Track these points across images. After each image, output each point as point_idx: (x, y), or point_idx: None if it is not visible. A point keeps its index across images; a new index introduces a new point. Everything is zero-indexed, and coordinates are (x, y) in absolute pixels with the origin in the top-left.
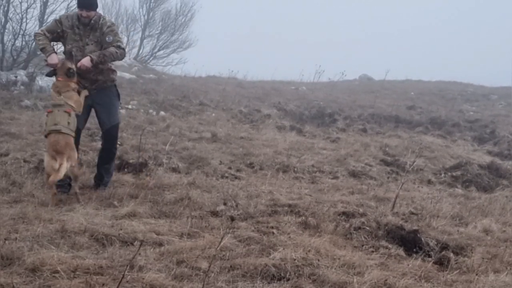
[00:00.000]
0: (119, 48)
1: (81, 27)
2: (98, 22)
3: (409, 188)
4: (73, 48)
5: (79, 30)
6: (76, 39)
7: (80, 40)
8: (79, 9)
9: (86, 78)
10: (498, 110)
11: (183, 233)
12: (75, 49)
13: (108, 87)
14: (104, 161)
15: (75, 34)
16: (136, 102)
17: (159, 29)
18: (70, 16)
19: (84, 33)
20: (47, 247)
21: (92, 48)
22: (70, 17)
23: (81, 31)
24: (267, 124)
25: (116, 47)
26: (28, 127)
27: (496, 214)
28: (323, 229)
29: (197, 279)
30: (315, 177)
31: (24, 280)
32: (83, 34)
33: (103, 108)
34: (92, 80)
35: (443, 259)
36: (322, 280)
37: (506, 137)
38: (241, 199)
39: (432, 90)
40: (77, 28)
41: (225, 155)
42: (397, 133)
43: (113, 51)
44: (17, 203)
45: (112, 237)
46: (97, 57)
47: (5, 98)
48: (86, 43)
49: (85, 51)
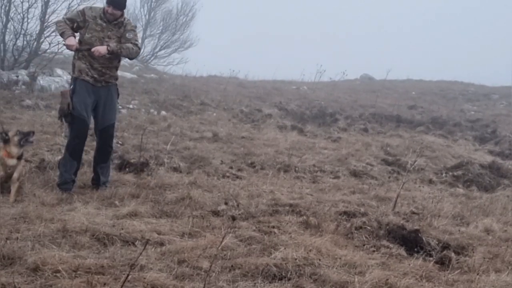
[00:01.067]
0: (135, 46)
1: (105, 20)
2: (123, 22)
3: (410, 187)
4: (92, 37)
5: (102, 22)
6: (97, 29)
7: (102, 31)
8: (107, 5)
9: (95, 68)
10: (499, 109)
11: (184, 233)
12: (94, 39)
13: (111, 84)
14: (100, 161)
15: (97, 24)
16: (137, 102)
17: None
18: (95, 8)
19: (107, 26)
20: (48, 246)
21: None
22: (94, 9)
23: (103, 23)
24: (268, 124)
25: (133, 44)
26: (29, 127)
27: (497, 213)
28: (324, 228)
29: (198, 279)
30: (316, 177)
31: (26, 280)
32: (105, 27)
33: (105, 105)
34: (100, 72)
35: (444, 259)
36: (323, 279)
37: (507, 136)
38: (242, 199)
39: (433, 89)
40: (100, 19)
41: (226, 154)
42: (398, 132)
43: (130, 46)
44: (18, 203)
45: (114, 236)
46: (114, 47)
47: (6, 98)
48: (108, 36)
49: (104, 43)
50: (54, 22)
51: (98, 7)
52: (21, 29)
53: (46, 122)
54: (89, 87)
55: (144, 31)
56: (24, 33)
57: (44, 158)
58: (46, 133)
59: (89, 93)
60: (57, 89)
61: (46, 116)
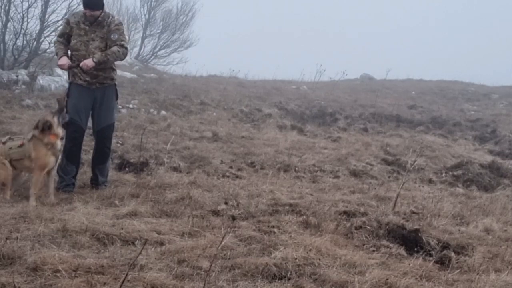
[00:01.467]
0: (121, 47)
1: (87, 23)
2: (107, 20)
3: (410, 187)
4: (77, 43)
5: (84, 26)
6: (81, 34)
7: (85, 35)
8: (84, 8)
9: (87, 72)
10: (499, 109)
11: (184, 233)
12: (79, 44)
13: (108, 85)
14: (98, 162)
15: (80, 29)
16: (137, 102)
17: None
18: (77, 13)
19: (90, 28)
20: (48, 246)
21: (97, 44)
22: (76, 15)
23: (86, 27)
24: (268, 124)
25: (119, 46)
26: (29, 127)
27: (497, 213)
28: (324, 228)
29: (198, 279)
30: (316, 177)
31: (25, 279)
32: (88, 30)
33: (100, 106)
34: (92, 75)
35: (444, 259)
36: (323, 279)
37: (507, 136)
38: (242, 199)
39: (433, 89)
40: (83, 24)
41: (226, 154)
42: (398, 132)
43: (116, 50)
44: (18, 203)
45: (113, 236)
46: (100, 57)
47: (6, 97)
48: (92, 38)
49: (89, 46)
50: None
51: (80, 12)
52: (21, 28)
53: None
54: (83, 90)
55: (144, 30)
56: (24, 33)
57: None
58: None
59: (83, 96)
60: (57, 88)
61: None
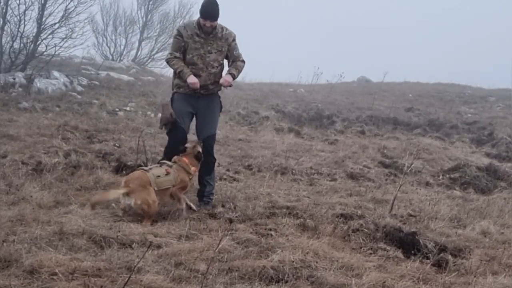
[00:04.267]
0: (243, 62)
1: (203, 35)
2: (221, 32)
3: (407, 190)
4: (194, 57)
5: (199, 38)
6: (197, 47)
7: (201, 48)
8: (203, 20)
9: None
10: (496, 112)
11: (182, 235)
12: (196, 58)
13: (212, 94)
14: (205, 174)
15: (195, 42)
16: (134, 104)
17: (157, 31)
18: (188, 25)
19: (206, 41)
20: (45, 249)
21: (214, 57)
22: (188, 27)
23: (201, 39)
24: (265, 126)
25: (241, 61)
26: (26, 129)
27: (494, 216)
28: (321, 231)
29: (195, 281)
30: (313, 179)
31: (22, 282)
32: (204, 42)
33: (205, 116)
34: (204, 87)
35: (441, 261)
36: (320, 282)
37: (504, 139)
38: (239, 201)
39: (430, 92)
40: (197, 36)
41: (223, 157)
42: (395, 135)
43: (241, 65)
44: (15, 205)
45: (110, 239)
46: (236, 73)
47: (3, 100)
48: (209, 50)
49: (206, 59)
50: (165, 61)
51: (191, 24)
52: (18, 31)
53: (43, 124)
54: (187, 97)
55: (141, 33)
56: (21, 36)
57: (41, 161)
58: (43, 136)
59: (187, 101)
60: (54, 91)
61: (43, 118)
